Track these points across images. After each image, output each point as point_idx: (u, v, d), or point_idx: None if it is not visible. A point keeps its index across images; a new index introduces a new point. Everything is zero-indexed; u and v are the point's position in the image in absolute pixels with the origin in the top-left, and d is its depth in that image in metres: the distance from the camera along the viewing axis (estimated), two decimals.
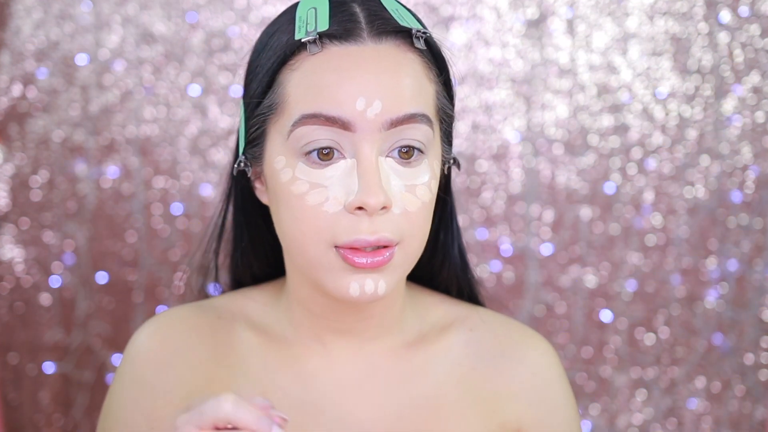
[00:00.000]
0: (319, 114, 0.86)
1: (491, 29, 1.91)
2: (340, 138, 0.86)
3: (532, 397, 1.02)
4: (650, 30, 1.90)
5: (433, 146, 0.90)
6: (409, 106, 0.87)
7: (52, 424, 1.92)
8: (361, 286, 0.87)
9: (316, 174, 0.87)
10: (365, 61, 0.87)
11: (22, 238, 1.90)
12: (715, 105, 1.91)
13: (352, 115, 0.85)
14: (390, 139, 0.87)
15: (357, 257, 0.86)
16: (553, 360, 1.05)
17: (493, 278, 1.94)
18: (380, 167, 0.87)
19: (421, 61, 0.89)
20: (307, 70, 0.87)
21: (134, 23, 1.87)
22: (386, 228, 0.86)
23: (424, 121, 0.88)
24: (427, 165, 0.89)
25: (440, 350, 1.01)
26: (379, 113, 0.85)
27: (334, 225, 0.86)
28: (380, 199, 0.85)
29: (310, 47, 0.87)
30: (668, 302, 1.94)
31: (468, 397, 1.00)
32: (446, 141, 0.95)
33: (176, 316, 1.02)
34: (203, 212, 1.90)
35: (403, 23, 0.89)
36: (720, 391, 1.95)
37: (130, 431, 0.96)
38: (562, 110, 1.91)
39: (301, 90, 0.87)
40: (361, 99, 0.85)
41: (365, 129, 0.86)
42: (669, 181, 1.92)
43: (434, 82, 0.91)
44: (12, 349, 1.91)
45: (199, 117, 1.90)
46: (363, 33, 0.88)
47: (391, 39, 0.88)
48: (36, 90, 1.88)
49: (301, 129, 0.87)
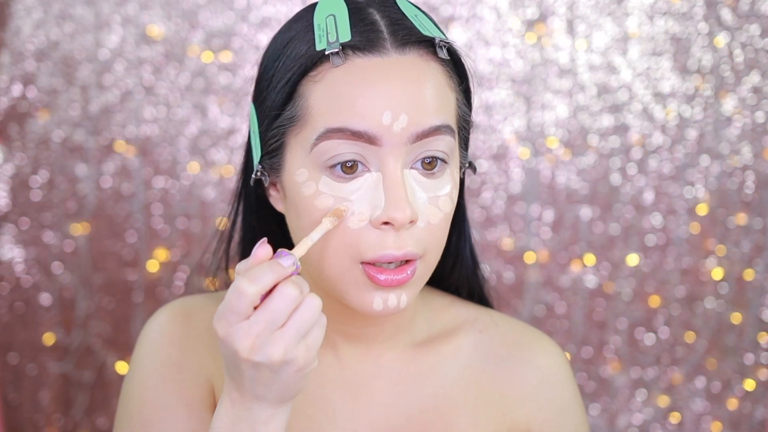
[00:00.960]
0: (345, 128, 0.84)
1: (491, 29, 1.90)
2: (365, 151, 0.85)
3: (542, 400, 1.02)
4: (650, 30, 1.90)
5: (454, 155, 0.90)
6: (433, 118, 0.86)
7: (52, 424, 1.92)
8: (384, 301, 0.87)
9: (340, 188, 0.85)
10: (390, 73, 0.85)
11: (22, 238, 1.90)
12: (715, 105, 1.90)
13: (378, 130, 0.84)
14: (414, 152, 0.86)
15: (381, 275, 0.86)
16: (563, 363, 1.05)
17: (494, 278, 1.94)
18: (405, 180, 0.86)
19: (443, 70, 0.88)
20: (330, 82, 0.86)
21: (134, 23, 1.87)
22: (412, 243, 0.86)
23: (447, 132, 0.87)
24: (449, 175, 0.89)
25: (449, 352, 1.01)
26: (406, 127, 0.84)
27: (359, 241, 0.85)
28: (407, 213, 0.84)
29: (333, 59, 0.85)
30: (668, 302, 1.94)
31: (478, 398, 1.00)
32: (464, 147, 0.94)
33: (192, 304, 1.01)
34: (203, 212, 1.90)
35: (425, 32, 0.87)
36: (720, 391, 1.95)
37: (160, 413, 0.94)
38: (562, 110, 1.91)
39: (325, 103, 0.85)
40: (388, 113, 0.84)
41: (391, 143, 0.84)
42: (669, 181, 1.92)
43: (455, 91, 0.90)
44: (12, 349, 1.91)
45: (199, 117, 1.89)
46: (386, 44, 0.86)
47: (415, 49, 0.87)
48: (36, 90, 1.88)
49: (326, 143, 0.85)
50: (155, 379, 0.95)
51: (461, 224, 1.03)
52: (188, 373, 0.96)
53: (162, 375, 0.96)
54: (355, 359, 0.99)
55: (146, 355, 0.98)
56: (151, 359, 0.97)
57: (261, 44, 1.89)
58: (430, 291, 1.05)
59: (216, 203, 1.89)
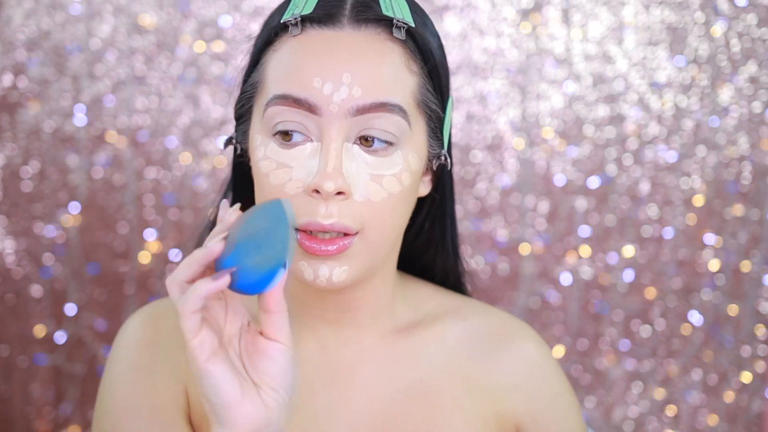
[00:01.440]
0: (288, 95, 0.86)
1: (486, 18, 1.89)
2: (308, 121, 0.86)
3: (529, 390, 1.02)
4: (646, 19, 1.89)
5: (409, 139, 0.88)
6: (379, 94, 0.86)
7: (43, 417, 1.91)
8: (315, 272, 0.87)
9: (283, 154, 0.87)
10: (340, 46, 0.86)
11: (13, 229, 1.88)
12: (711, 95, 1.89)
13: (318, 99, 0.85)
14: (358, 126, 0.86)
15: (309, 242, 0.86)
16: (547, 352, 1.05)
17: (488, 270, 1.93)
18: (345, 153, 0.86)
19: (401, 51, 0.88)
20: (285, 51, 0.88)
21: (126, 13, 1.86)
22: (344, 215, 0.86)
23: (395, 112, 0.86)
24: (399, 157, 0.88)
25: (433, 337, 1.01)
26: (345, 99, 0.85)
27: (293, 207, 0.85)
28: (336, 183, 0.84)
29: (291, 29, 0.88)
30: (664, 294, 1.93)
31: (464, 385, 1.00)
32: (433, 136, 0.93)
33: (164, 306, 1.02)
34: (195, 203, 1.89)
35: (387, 12, 0.88)
36: (716, 384, 1.94)
37: (127, 416, 0.95)
38: (558, 100, 1.90)
39: (277, 70, 0.88)
40: (329, 83, 0.85)
41: (331, 113, 0.85)
42: (665, 172, 1.91)
43: (416, 74, 0.89)
44: (2, 342, 1.90)
45: (191, 107, 1.88)
46: (343, 18, 0.87)
47: (372, 27, 0.88)
48: (27, 80, 1.86)
49: (273, 109, 0.87)
50: (125, 383, 0.96)
51: (440, 217, 1.02)
52: (158, 376, 0.96)
53: (131, 378, 0.96)
54: (336, 344, 0.98)
55: (117, 359, 0.99)
56: (122, 363, 0.98)
57: (253, 34, 1.87)
58: (413, 281, 1.06)
59: (208, 194, 1.88)
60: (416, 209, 0.99)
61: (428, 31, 0.92)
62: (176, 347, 0.97)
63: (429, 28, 0.93)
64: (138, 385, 0.96)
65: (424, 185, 0.96)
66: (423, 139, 0.91)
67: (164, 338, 0.98)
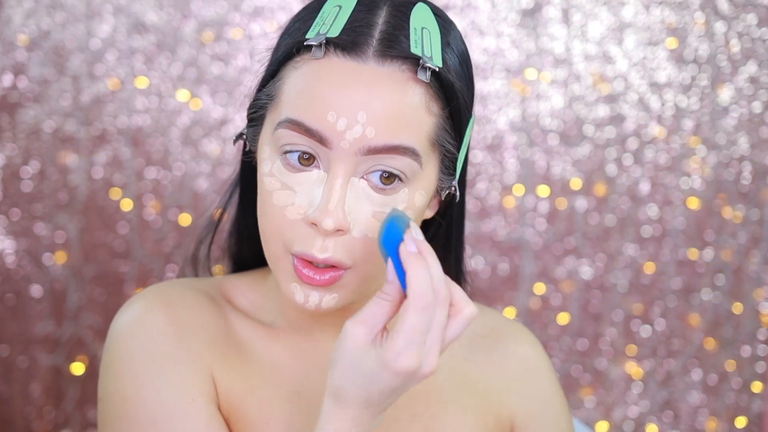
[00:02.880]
0: (301, 123, 0.84)
1: (486, 18, 1.89)
2: (318, 149, 0.84)
3: (524, 391, 1.02)
4: (646, 19, 1.89)
5: (418, 178, 0.86)
6: (393, 137, 0.83)
7: (43, 417, 1.91)
8: (306, 296, 0.86)
9: (288, 176, 0.85)
10: (360, 81, 0.83)
11: (13, 229, 1.88)
12: (711, 95, 1.89)
13: (330, 133, 0.83)
14: (367, 163, 0.84)
15: (304, 269, 0.85)
16: (542, 354, 1.05)
17: (488, 270, 1.93)
18: (350, 188, 0.84)
19: (423, 92, 0.85)
20: (305, 73, 0.85)
21: (126, 13, 1.86)
22: (339, 251, 0.84)
23: (407, 155, 0.84)
24: (405, 195, 0.86)
25: None
26: (359, 138, 0.82)
27: (291, 231, 0.85)
28: (335, 221, 0.82)
29: (314, 51, 0.84)
30: (664, 294, 1.93)
31: (463, 387, 1.00)
32: (446, 171, 0.90)
33: (169, 293, 0.96)
34: (195, 203, 1.89)
35: (415, 49, 0.84)
36: (716, 384, 1.94)
37: (165, 411, 0.88)
38: (558, 100, 1.90)
39: (295, 91, 0.85)
40: (343, 119, 0.82)
41: (342, 150, 0.83)
42: (665, 172, 1.91)
43: (435, 115, 0.86)
44: (2, 341, 1.90)
45: (191, 107, 1.88)
46: (369, 50, 0.84)
47: (397, 64, 0.84)
48: (27, 80, 1.86)
49: (284, 131, 0.84)
50: (150, 375, 0.90)
51: (447, 242, 1.00)
52: (185, 365, 0.91)
53: (157, 370, 0.90)
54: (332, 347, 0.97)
55: (131, 350, 0.91)
56: (139, 353, 0.91)
57: (254, 34, 1.88)
58: None
59: (208, 194, 1.88)
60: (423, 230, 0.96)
61: (457, 64, 0.88)
62: (194, 335, 0.93)
63: (459, 58, 0.89)
64: (169, 378, 0.90)
65: (430, 209, 0.94)
66: (433, 176, 0.89)
67: (179, 325, 0.93)
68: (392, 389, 0.79)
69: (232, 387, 0.94)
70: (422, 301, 0.76)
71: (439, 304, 0.78)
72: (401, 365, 0.76)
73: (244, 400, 0.94)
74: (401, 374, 0.77)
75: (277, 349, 0.98)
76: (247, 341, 0.97)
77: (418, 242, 0.79)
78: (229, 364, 0.94)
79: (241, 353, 0.96)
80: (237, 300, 1.01)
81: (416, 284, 0.77)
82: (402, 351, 0.76)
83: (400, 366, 0.76)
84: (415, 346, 0.76)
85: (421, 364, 0.77)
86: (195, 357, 0.92)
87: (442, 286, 0.78)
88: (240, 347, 0.96)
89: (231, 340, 0.97)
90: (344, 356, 0.79)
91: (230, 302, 1.00)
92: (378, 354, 0.77)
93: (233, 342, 0.97)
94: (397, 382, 0.78)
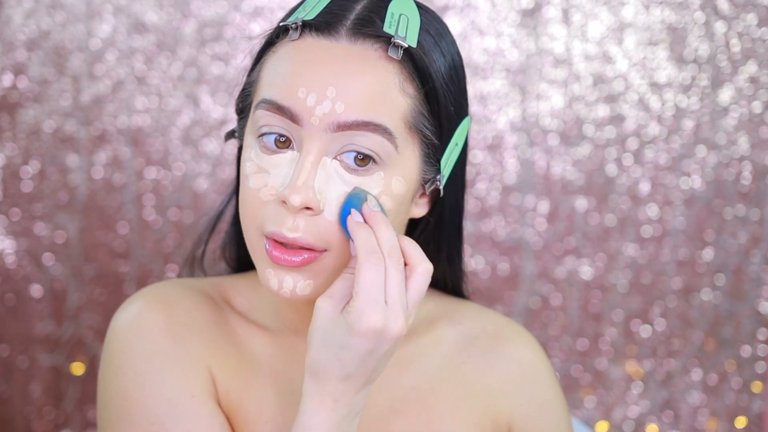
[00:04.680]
0: (273, 101, 0.84)
1: (486, 18, 1.89)
2: (291, 129, 0.84)
3: (522, 394, 1.01)
4: (646, 19, 1.89)
5: (395, 162, 0.86)
6: (363, 113, 0.83)
7: (43, 417, 1.91)
8: (280, 282, 0.85)
9: (264, 158, 0.86)
10: (332, 58, 0.84)
11: (13, 229, 1.88)
12: (711, 95, 1.89)
13: (300, 109, 0.83)
14: (339, 142, 0.84)
15: (275, 250, 0.84)
16: (542, 356, 1.05)
17: (488, 270, 1.93)
18: (321, 167, 0.84)
19: (397, 71, 0.85)
20: (281, 55, 0.87)
21: (126, 12, 1.86)
22: (309, 231, 0.84)
23: (379, 132, 0.83)
24: (380, 178, 0.85)
25: (429, 343, 1.00)
26: (327, 113, 0.83)
27: (263, 212, 0.85)
28: (302, 198, 0.82)
29: (291, 33, 0.86)
30: (664, 294, 1.93)
31: (461, 390, 0.99)
32: (428, 162, 0.90)
33: (166, 292, 0.97)
34: (195, 203, 1.89)
35: (389, 29, 0.85)
36: (717, 384, 1.94)
37: (168, 409, 0.89)
38: (558, 100, 1.90)
39: (270, 74, 0.86)
40: (313, 95, 0.83)
41: (312, 126, 0.83)
42: (665, 172, 1.91)
43: (411, 97, 0.86)
44: (2, 341, 1.90)
45: (191, 107, 1.88)
46: (342, 29, 0.85)
47: (370, 42, 0.85)
48: (27, 80, 1.86)
49: (259, 112, 0.85)
50: (152, 373, 0.90)
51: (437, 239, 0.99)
52: (185, 363, 0.92)
53: (157, 367, 0.91)
54: None
55: (131, 348, 0.92)
56: (139, 352, 0.91)
57: (254, 34, 1.88)
58: None
59: (208, 194, 1.88)
60: (412, 228, 0.97)
61: (437, 53, 0.88)
62: (194, 334, 0.94)
63: (441, 48, 0.90)
64: (169, 375, 0.90)
65: (420, 207, 0.94)
66: (414, 164, 0.88)
67: (178, 324, 0.94)
68: (365, 353, 0.80)
69: (230, 386, 0.94)
70: (369, 259, 0.79)
71: (390, 261, 0.80)
72: (365, 325, 0.78)
73: (243, 399, 0.94)
74: (368, 335, 0.79)
75: (274, 351, 0.97)
76: (245, 341, 0.97)
77: (368, 212, 0.82)
78: (227, 363, 0.95)
79: (240, 353, 0.96)
80: (235, 300, 1.01)
81: (360, 245, 0.80)
82: (363, 310, 0.78)
83: (365, 325, 0.78)
84: (374, 304, 0.79)
85: (387, 323, 0.79)
86: (194, 355, 0.93)
87: (390, 246, 0.80)
88: (238, 347, 0.97)
89: (229, 339, 0.97)
90: (317, 331, 0.81)
91: (228, 303, 1.00)
92: (344, 320, 0.79)
93: (232, 341, 0.97)
94: (368, 345, 0.79)
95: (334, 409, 0.82)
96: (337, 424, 0.82)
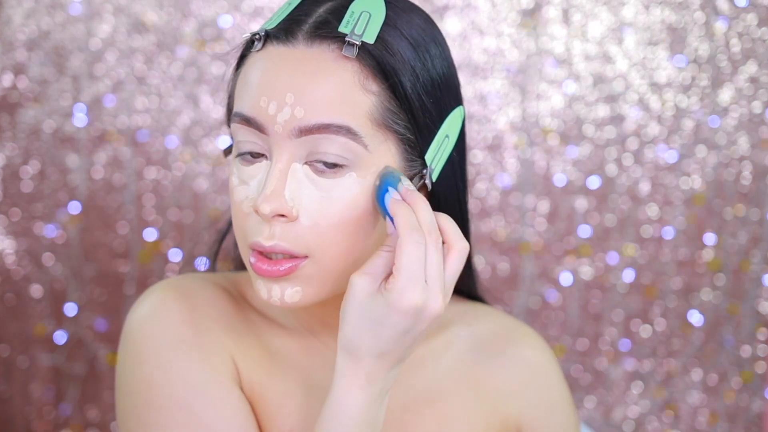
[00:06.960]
0: (242, 114, 0.85)
1: (486, 19, 1.89)
2: (261, 140, 0.85)
3: (531, 396, 1.01)
4: (646, 19, 1.88)
5: (368, 161, 0.84)
6: (323, 116, 0.82)
7: (43, 417, 1.91)
8: (268, 291, 0.86)
9: (243, 170, 0.86)
10: (289, 65, 0.84)
11: (13, 229, 1.88)
12: (711, 95, 1.89)
13: (264, 119, 0.83)
14: (305, 147, 0.83)
15: (259, 262, 0.85)
16: (552, 358, 1.05)
17: (488, 270, 1.93)
18: (290, 174, 0.84)
19: (356, 69, 0.84)
20: (248, 67, 0.86)
21: (126, 13, 1.86)
22: (286, 238, 0.84)
23: (342, 133, 0.83)
24: (353, 179, 0.84)
25: (440, 344, 1.00)
26: (288, 119, 0.82)
27: (244, 224, 0.86)
28: (272, 206, 0.82)
29: (256, 44, 0.86)
30: (664, 294, 1.93)
31: (471, 392, 0.99)
32: (409, 157, 0.88)
33: (185, 284, 0.97)
34: (195, 203, 1.89)
35: (344, 28, 0.84)
36: (716, 384, 1.94)
37: (197, 393, 0.88)
38: (558, 100, 1.90)
39: (240, 86, 0.86)
40: (273, 103, 0.82)
41: (277, 134, 0.83)
42: (665, 172, 1.91)
43: (374, 93, 0.84)
44: (2, 341, 1.90)
45: (191, 107, 1.88)
46: (299, 35, 0.85)
47: (326, 44, 0.84)
48: (27, 80, 1.86)
49: (234, 126, 0.86)
50: (178, 359, 0.90)
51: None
52: (210, 351, 0.91)
53: (183, 354, 0.90)
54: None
55: (153, 336, 0.91)
56: (162, 340, 0.91)
57: None
58: None
59: (208, 194, 1.88)
60: None
61: (405, 46, 0.87)
62: (216, 324, 0.94)
63: (411, 41, 0.88)
64: (196, 360, 0.90)
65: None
66: (391, 162, 0.87)
67: (199, 315, 0.93)
68: (402, 331, 0.80)
69: (253, 376, 0.94)
70: (411, 237, 0.80)
71: (430, 239, 0.80)
72: (407, 303, 0.79)
73: (266, 390, 0.94)
74: (408, 312, 0.79)
75: (292, 345, 0.98)
76: (265, 334, 0.97)
77: (405, 191, 0.82)
78: (250, 354, 0.95)
79: (261, 344, 0.96)
80: (251, 296, 1.01)
81: (402, 224, 0.80)
82: (405, 288, 0.79)
83: (406, 303, 0.79)
84: (416, 282, 0.79)
85: (427, 301, 0.79)
86: (217, 343, 0.93)
87: (429, 224, 0.81)
88: (260, 338, 0.97)
89: (250, 331, 0.97)
90: (353, 307, 0.81)
91: (244, 298, 1.00)
92: (384, 297, 0.80)
93: (253, 333, 0.97)
94: (406, 322, 0.80)
95: (366, 386, 0.82)
96: (369, 402, 0.83)
